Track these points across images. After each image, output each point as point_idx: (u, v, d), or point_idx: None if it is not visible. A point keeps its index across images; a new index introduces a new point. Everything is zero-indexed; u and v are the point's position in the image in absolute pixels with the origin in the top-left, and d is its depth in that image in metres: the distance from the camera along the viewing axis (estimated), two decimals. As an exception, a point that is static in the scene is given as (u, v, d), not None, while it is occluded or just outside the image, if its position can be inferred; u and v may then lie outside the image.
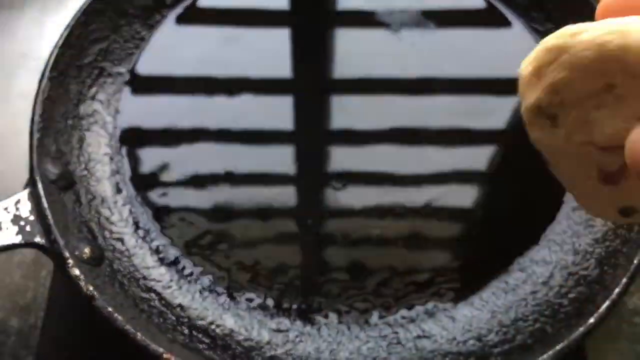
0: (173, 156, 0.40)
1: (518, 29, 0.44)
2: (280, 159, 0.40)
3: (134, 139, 0.40)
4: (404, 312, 0.35)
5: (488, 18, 0.46)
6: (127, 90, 0.41)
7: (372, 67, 0.44)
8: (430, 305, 0.35)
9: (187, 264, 0.36)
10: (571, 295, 0.34)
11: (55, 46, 0.38)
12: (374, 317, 0.35)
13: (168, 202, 0.38)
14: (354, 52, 0.45)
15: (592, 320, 0.31)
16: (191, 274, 0.36)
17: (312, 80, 0.44)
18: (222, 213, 0.38)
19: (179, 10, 0.44)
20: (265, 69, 0.43)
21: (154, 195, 0.38)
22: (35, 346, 0.36)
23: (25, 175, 0.35)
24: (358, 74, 0.44)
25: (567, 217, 0.37)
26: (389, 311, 0.35)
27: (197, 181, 0.39)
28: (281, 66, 0.44)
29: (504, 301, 0.35)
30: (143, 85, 0.42)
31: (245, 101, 0.42)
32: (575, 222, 0.37)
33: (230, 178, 0.39)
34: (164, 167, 0.39)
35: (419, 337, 0.34)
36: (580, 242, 0.36)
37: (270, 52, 0.44)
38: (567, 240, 0.36)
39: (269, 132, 0.41)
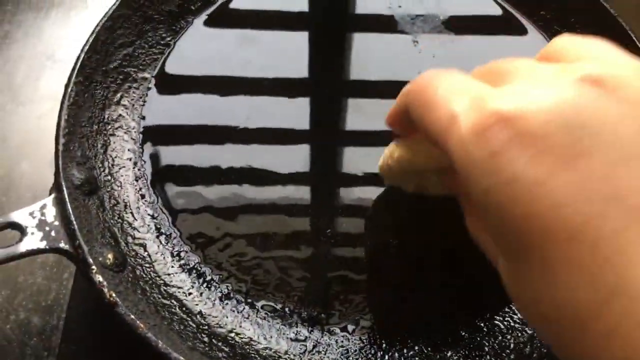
0: (196, 162, 0.40)
1: (533, 36, 0.46)
2: (298, 159, 0.40)
3: (157, 144, 0.40)
4: (422, 326, 0.35)
5: (504, 25, 0.47)
6: (151, 95, 0.42)
7: (389, 70, 0.44)
8: (450, 318, 0.35)
9: (207, 270, 0.36)
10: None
11: (82, 51, 0.38)
12: (392, 330, 0.35)
13: (189, 208, 0.38)
14: (371, 55, 0.45)
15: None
16: (211, 280, 0.36)
17: (329, 82, 0.45)
18: (242, 221, 0.38)
19: (204, 16, 0.45)
20: (283, 71, 0.44)
21: (176, 201, 0.38)
22: (56, 347, 0.36)
23: (49, 175, 0.35)
24: (375, 77, 0.44)
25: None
26: (407, 324, 0.35)
27: (219, 187, 0.39)
28: (299, 68, 0.44)
29: (521, 317, 0.35)
30: (167, 90, 0.42)
31: (264, 102, 0.42)
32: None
33: (252, 181, 0.39)
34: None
35: (437, 351, 0.34)
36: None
37: (289, 54, 0.44)
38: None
39: (286, 133, 0.41)
